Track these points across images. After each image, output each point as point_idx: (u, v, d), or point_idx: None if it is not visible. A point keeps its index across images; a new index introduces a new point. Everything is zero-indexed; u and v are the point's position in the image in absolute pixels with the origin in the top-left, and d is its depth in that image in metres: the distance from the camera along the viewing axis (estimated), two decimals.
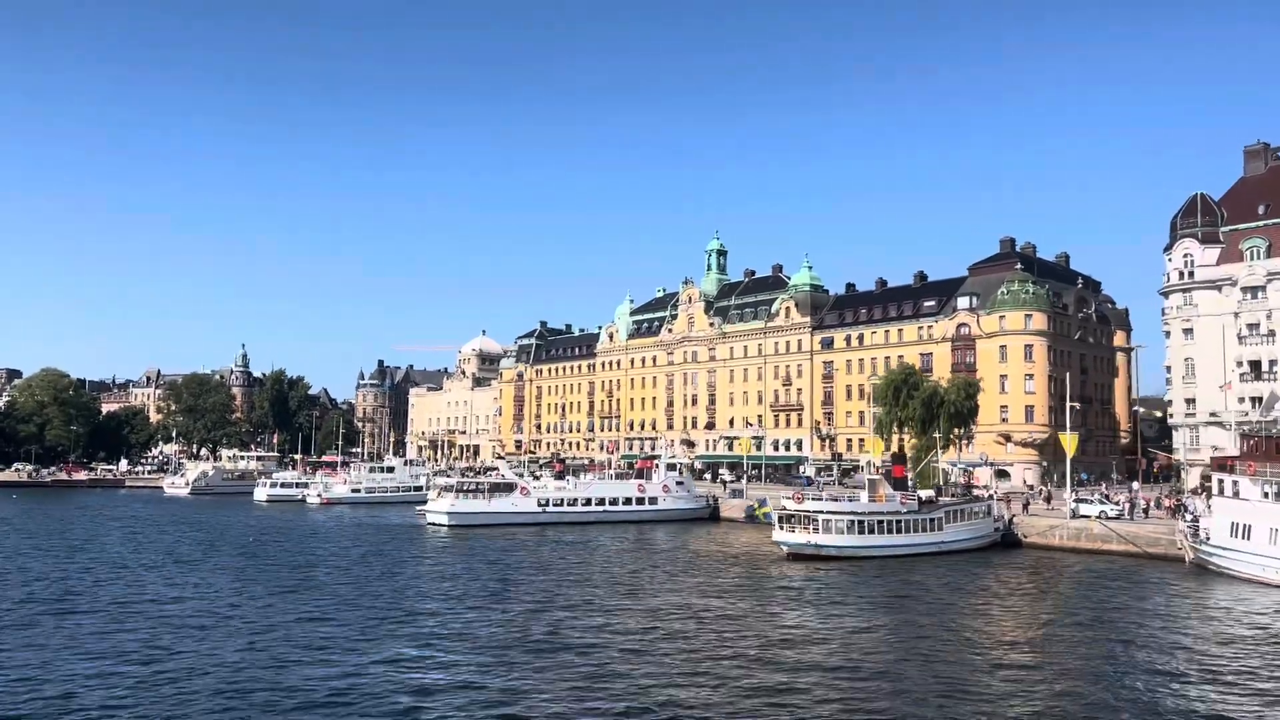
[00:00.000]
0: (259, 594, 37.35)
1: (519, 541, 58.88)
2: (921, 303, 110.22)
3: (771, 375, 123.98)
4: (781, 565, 46.98)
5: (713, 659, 26.71)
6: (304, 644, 28.15)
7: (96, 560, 47.73)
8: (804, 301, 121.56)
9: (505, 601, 35.93)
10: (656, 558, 50.14)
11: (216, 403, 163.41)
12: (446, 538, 61.58)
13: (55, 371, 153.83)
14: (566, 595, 37.43)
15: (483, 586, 39.48)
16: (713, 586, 40.39)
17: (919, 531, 50.00)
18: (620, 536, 62.92)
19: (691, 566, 46.44)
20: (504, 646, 28.10)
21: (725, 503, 76.49)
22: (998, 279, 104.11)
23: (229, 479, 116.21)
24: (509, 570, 44.81)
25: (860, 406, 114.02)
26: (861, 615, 34.08)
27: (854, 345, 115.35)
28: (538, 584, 40.36)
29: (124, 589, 38.29)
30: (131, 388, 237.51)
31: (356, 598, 36.37)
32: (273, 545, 55.78)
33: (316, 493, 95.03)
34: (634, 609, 34.60)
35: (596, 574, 43.86)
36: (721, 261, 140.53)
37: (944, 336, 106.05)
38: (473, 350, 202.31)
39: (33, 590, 37.80)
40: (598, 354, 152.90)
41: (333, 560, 48.60)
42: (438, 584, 40.46)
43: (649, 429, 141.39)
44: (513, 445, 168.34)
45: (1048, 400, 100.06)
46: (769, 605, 36.03)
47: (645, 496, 72.49)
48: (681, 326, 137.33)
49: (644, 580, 41.90)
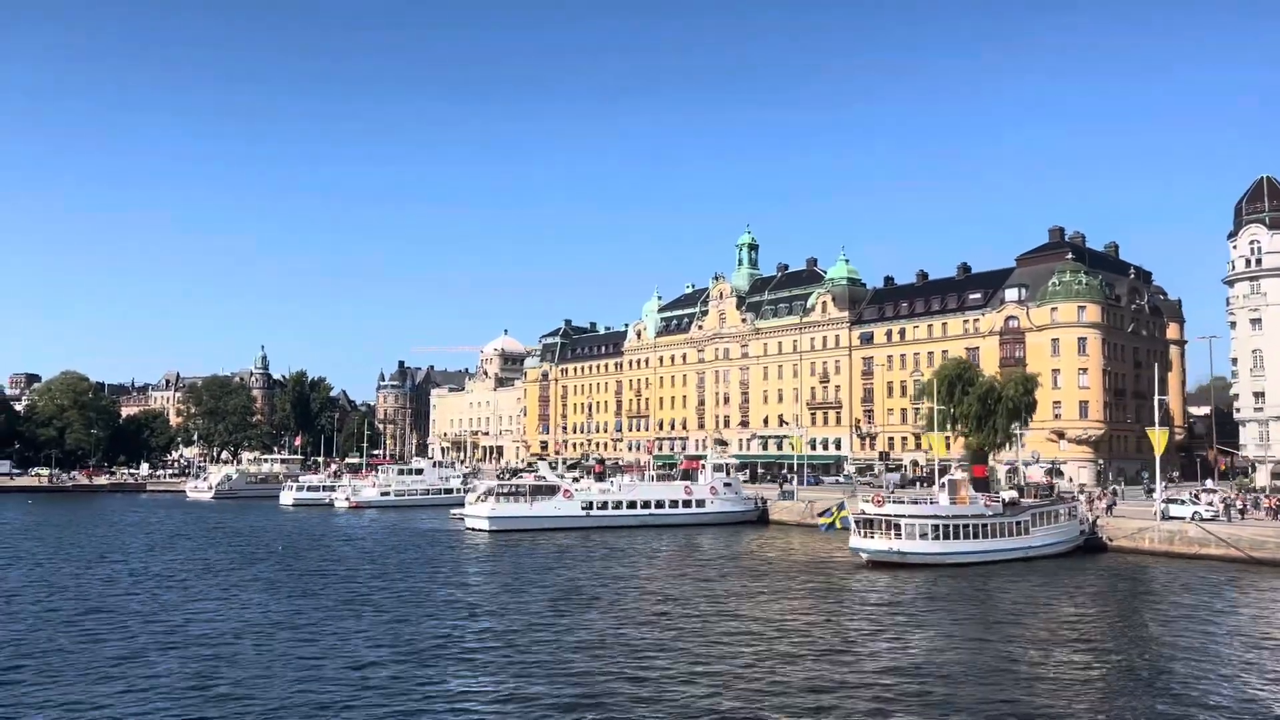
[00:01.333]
0: (304, 608, 34.05)
1: (566, 547, 55.50)
2: (966, 295, 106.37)
3: (808, 372, 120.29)
4: (861, 574, 43.36)
5: (834, 688, 23.22)
6: (353, 663, 24.84)
7: (125, 572, 44.60)
8: (841, 295, 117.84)
9: (576, 618, 32.50)
10: (721, 567, 46.59)
11: (237, 405, 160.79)
12: (488, 543, 58.26)
13: (75, 374, 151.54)
14: (642, 611, 33.95)
15: (549, 602, 36.04)
16: (798, 600, 36.88)
17: (1005, 536, 46.33)
18: (671, 542, 59.42)
19: (763, 576, 42.88)
20: (590, 674, 24.66)
21: (775, 505, 72.86)
22: (1047, 269, 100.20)
23: (253, 482, 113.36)
24: (568, 581, 41.39)
25: (902, 404, 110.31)
26: (986, 638, 30.47)
27: (895, 340, 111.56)
28: (607, 598, 36.91)
29: (157, 604, 35.07)
30: (151, 391, 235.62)
31: (414, 617, 32.96)
32: (308, 553, 52.56)
33: (345, 496, 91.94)
34: (724, 629, 31.18)
35: (665, 586, 40.38)
36: (753, 256, 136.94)
37: (991, 330, 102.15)
38: (495, 350, 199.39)
39: (57, 606, 34.60)
40: (625, 352, 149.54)
41: (374, 570, 45.30)
42: (498, 598, 37.05)
43: (679, 428, 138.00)
44: (538, 446, 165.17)
45: (1102, 395, 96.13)
46: (875, 624, 32.49)
47: (692, 499, 68.98)
48: (712, 323, 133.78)
49: (719, 593, 38.40)
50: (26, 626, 30.75)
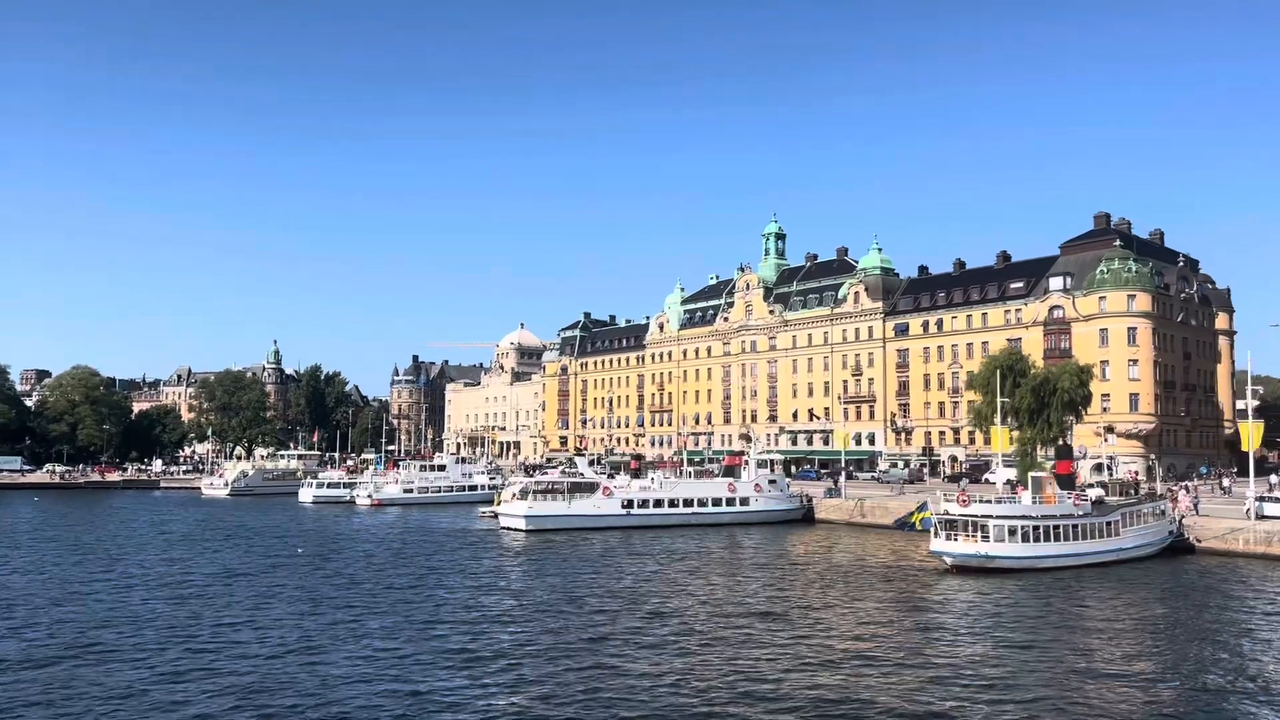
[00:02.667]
0: (346, 621, 30.64)
1: (610, 549, 52.05)
2: (1007, 284, 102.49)
3: (839, 364, 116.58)
4: (945, 581, 39.73)
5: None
6: (412, 688, 21.44)
7: (141, 577, 41.26)
8: (874, 285, 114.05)
9: (657, 635, 29.02)
10: (786, 573, 43.03)
11: (251, 400, 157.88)
12: (526, 544, 54.81)
13: (86, 369, 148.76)
14: (725, 626, 30.44)
15: (608, 614, 32.59)
16: (886, 611, 33.42)
17: (1096, 537, 42.70)
18: (719, 543, 55.99)
19: (836, 584, 39.32)
20: (698, 705, 21.20)
21: (821, 503, 69.31)
22: (1094, 257, 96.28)
23: (269, 479, 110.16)
24: (629, 590, 37.91)
25: (940, 397, 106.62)
26: (1112, 657, 26.99)
27: (931, 331, 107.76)
28: (678, 610, 33.43)
29: (183, 616, 31.70)
30: (162, 386, 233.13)
31: (473, 633, 29.51)
32: (337, 556, 49.15)
33: (366, 493, 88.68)
34: (818, 647, 27.76)
35: (739, 596, 36.88)
36: (780, 246, 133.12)
37: (1035, 320, 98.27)
38: (511, 344, 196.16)
39: (64, 618, 31.24)
40: (647, 345, 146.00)
41: (410, 574, 41.90)
42: (559, 610, 33.57)
43: (704, 423, 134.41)
44: (557, 441, 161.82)
45: (1153, 388, 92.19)
46: (981, 639, 29.00)
47: (736, 497, 65.46)
48: (739, 314, 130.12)
49: (795, 602, 34.92)
50: (27, 644, 27.37)
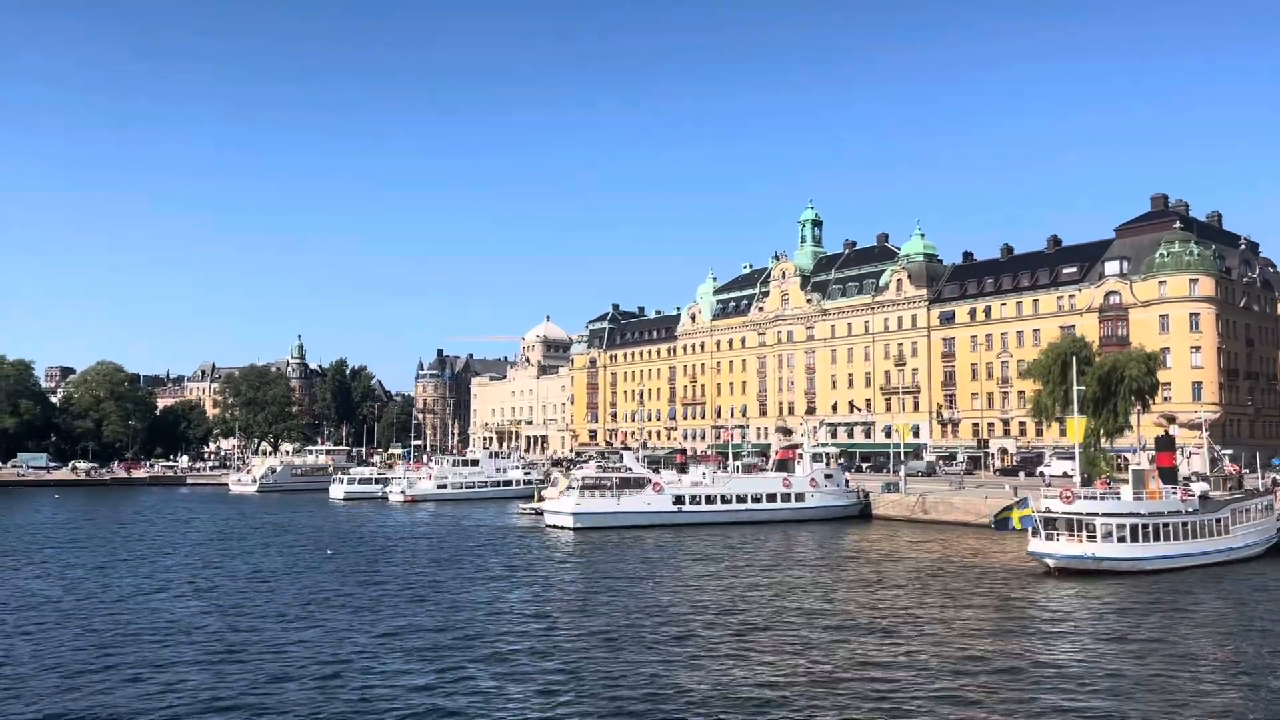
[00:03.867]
0: (405, 636, 27.72)
1: (665, 548, 49.02)
2: (1059, 269, 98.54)
3: (881, 354, 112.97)
4: (1046, 584, 36.39)
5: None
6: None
7: (182, 583, 38.54)
8: (918, 272, 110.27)
9: (757, 647, 25.94)
10: (862, 574, 39.83)
11: (276, 395, 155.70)
12: (576, 543, 51.84)
13: (111, 364, 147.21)
14: (820, 637, 27.31)
15: (690, 626, 29.52)
16: (990, 619, 30.23)
17: (1205, 536, 39.27)
18: (780, 541, 52.93)
19: (925, 588, 36.09)
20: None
21: (880, 498, 65.98)
22: (1152, 240, 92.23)
23: (298, 475, 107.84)
24: (698, 595, 34.90)
25: (989, 387, 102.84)
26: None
27: (979, 319, 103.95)
28: (761, 618, 30.34)
29: (223, 627, 28.88)
30: (186, 382, 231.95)
31: (537, 651, 26.48)
32: (381, 559, 46.30)
33: (400, 489, 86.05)
34: (930, 660, 24.69)
35: (819, 600, 33.78)
36: (816, 233, 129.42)
37: (1090, 307, 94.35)
38: (537, 337, 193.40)
39: (97, 628, 28.46)
40: (679, 336, 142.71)
41: (459, 577, 39.02)
42: (629, 620, 30.52)
43: (738, 416, 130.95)
44: (586, 435, 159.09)
45: (1217, 376, 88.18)
46: (1108, 652, 25.78)
47: (791, 492, 62.22)
48: (774, 304, 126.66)
49: (892, 610, 31.73)
50: (40, 655, 24.54)
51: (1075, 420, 54.95)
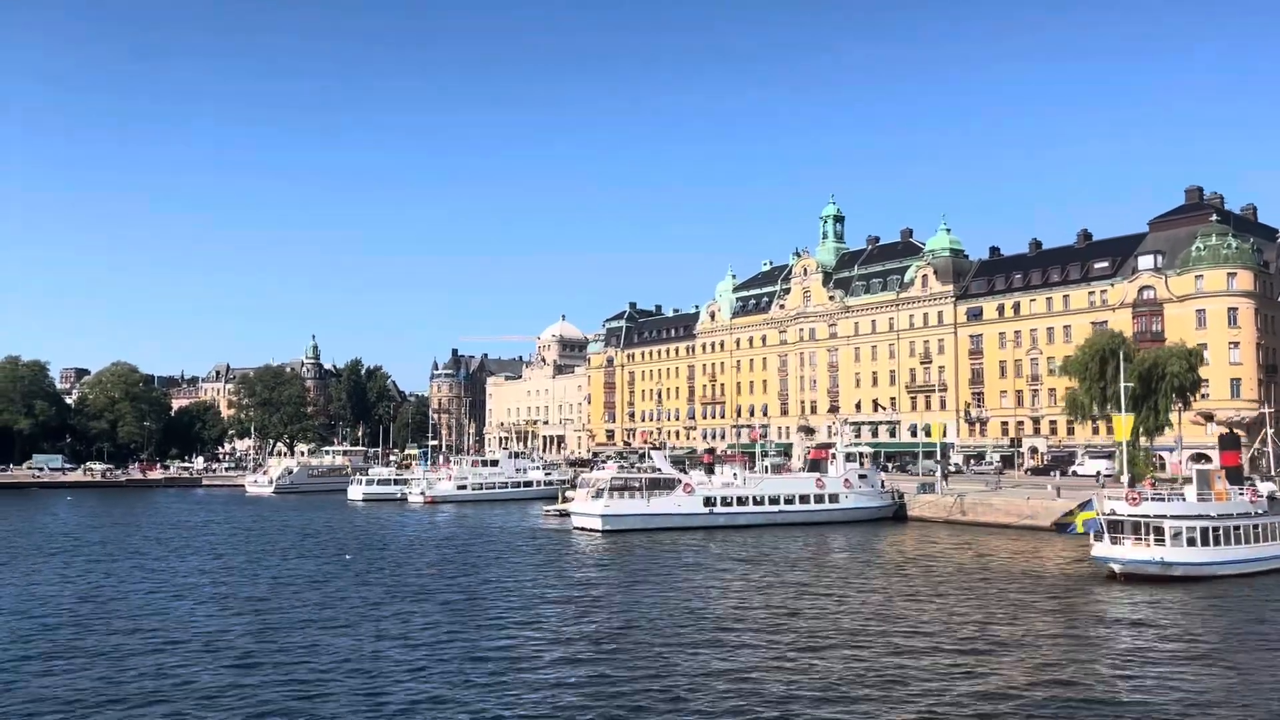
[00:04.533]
0: (435, 642, 26.08)
1: (700, 551, 47.34)
2: (1091, 264, 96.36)
3: (906, 352, 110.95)
4: (1112, 591, 34.48)
5: None
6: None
7: (205, 590, 37.01)
8: (944, 268, 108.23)
9: (809, 666, 24.24)
10: (916, 581, 37.97)
11: (292, 395, 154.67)
12: (605, 546, 50.14)
13: (126, 365, 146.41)
14: (904, 662, 25.44)
15: (746, 638, 27.80)
16: (1058, 630, 28.42)
17: (1275, 539, 37.20)
18: (818, 544, 51.18)
19: (984, 595, 34.26)
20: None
21: (916, 499, 64.07)
22: (1187, 234, 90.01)
23: (315, 476, 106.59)
24: (746, 604, 33.24)
25: (1018, 385, 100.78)
26: None
27: (1007, 315, 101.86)
28: (820, 630, 28.60)
29: (251, 641, 27.28)
30: (200, 383, 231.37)
31: (584, 667, 24.78)
32: (407, 565, 44.72)
33: (420, 490, 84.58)
34: (1007, 677, 22.86)
35: (877, 610, 31.99)
36: (838, 229, 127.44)
37: (1122, 302, 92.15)
38: (553, 336, 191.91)
39: (120, 644, 26.86)
40: (697, 335, 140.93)
41: (499, 589, 37.33)
42: (681, 635, 28.81)
43: (759, 415, 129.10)
44: (603, 435, 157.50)
45: (1255, 372, 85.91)
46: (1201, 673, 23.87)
47: (825, 493, 60.38)
48: (796, 301, 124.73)
49: (952, 619, 29.93)
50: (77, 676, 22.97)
51: (1123, 418, 52.83)
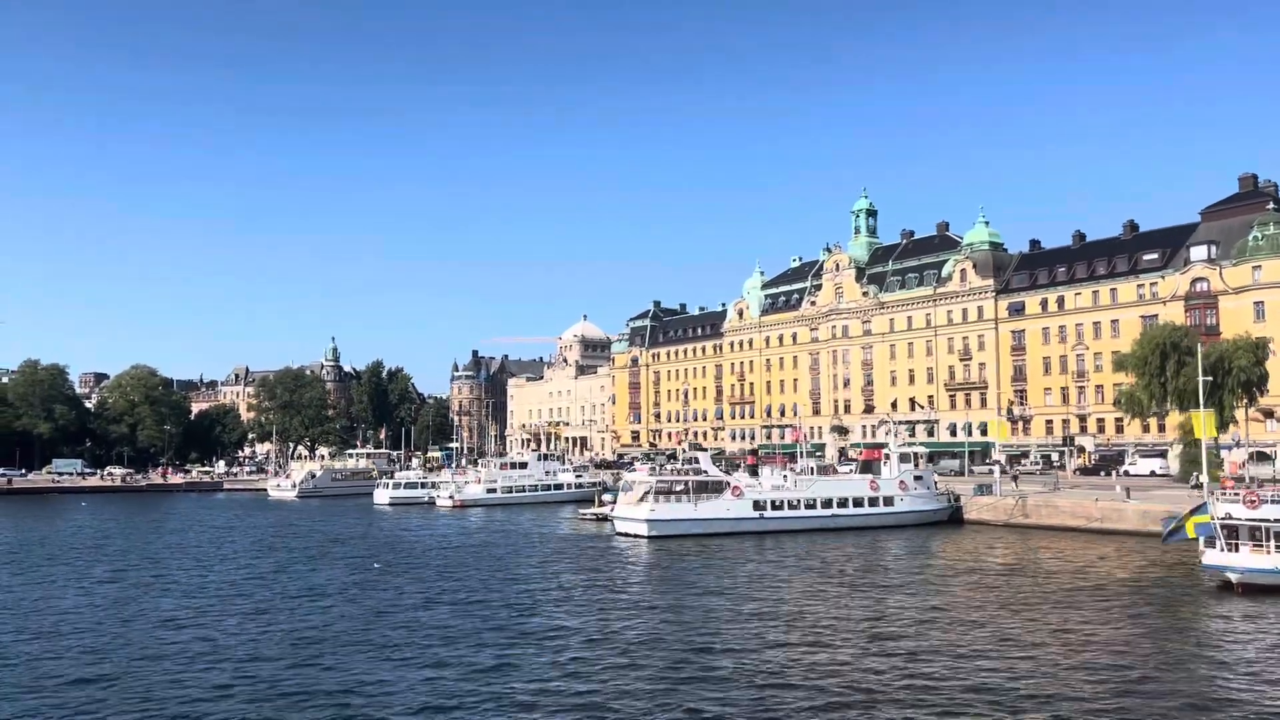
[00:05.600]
0: (493, 665, 23.29)
1: (755, 559, 44.54)
2: (1139, 256, 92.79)
3: (944, 349, 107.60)
4: (1231, 602, 31.34)
5: None
6: None
7: (239, 602, 34.40)
8: (983, 262, 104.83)
9: (924, 689, 21.27)
10: (1005, 592, 34.91)
11: (313, 398, 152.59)
12: (652, 553, 47.30)
13: (145, 368, 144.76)
14: (1025, 690, 22.49)
15: (848, 659, 24.86)
16: (1207, 660, 25.31)
17: None
18: (874, 549, 48.27)
19: (1081, 606, 31.25)
20: None
21: (973, 501, 60.89)
22: (1242, 223, 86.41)
23: (339, 479, 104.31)
24: (827, 618, 30.34)
25: (1062, 381, 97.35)
26: None
27: (1051, 310, 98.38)
28: (944, 664, 25.61)
29: (291, 659, 24.57)
30: (220, 386, 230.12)
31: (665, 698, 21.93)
32: (448, 574, 42.02)
33: (448, 494, 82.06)
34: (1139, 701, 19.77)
35: (972, 625, 29.10)
36: (871, 223, 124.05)
37: (1174, 294, 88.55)
38: (574, 336, 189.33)
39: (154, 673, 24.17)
40: (725, 333, 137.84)
41: (547, 598, 34.63)
42: (761, 657, 25.94)
43: (789, 414, 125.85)
44: (628, 436, 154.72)
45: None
46: None
47: (879, 496, 57.35)
48: (828, 298, 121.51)
49: (1069, 636, 26.97)
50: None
51: (1201, 414, 49.56)
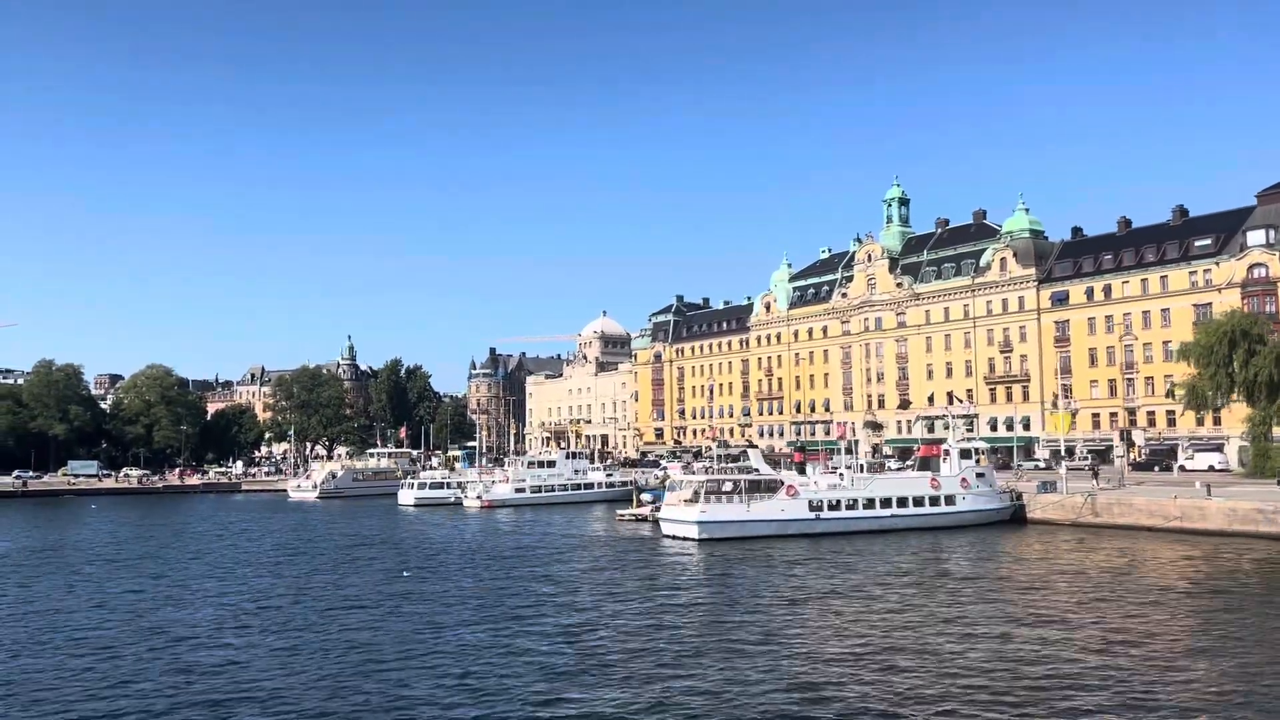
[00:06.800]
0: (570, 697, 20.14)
1: (823, 564, 41.24)
2: (1190, 242, 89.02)
3: (983, 341, 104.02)
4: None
5: None
6: None
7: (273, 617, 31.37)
8: (1024, 250, 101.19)
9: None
10: (1130, 603, 31.52)
11: (331, 397, 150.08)
12: (705, 558, 44.05)
13: (161, 368, 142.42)
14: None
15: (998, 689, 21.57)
16: None
17: None
18: (939, 551, 45.02)
19: (1211, 618, 27.90)
20: None
21: (1037, 499, 57.43)
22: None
23: (361, 480, 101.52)
24: (944, 638, 26.94)
25: (1110, 373, 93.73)
26: None
27: (1097, 299, 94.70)
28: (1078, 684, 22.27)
29: (328, 690, 21.46)
30: (235, 386, 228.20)
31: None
32: (494, 584, 38.94)
33: (476, 494, 79.12)
34: None
35: (1099, 638, 25.73)
36: (904, 212, 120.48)
37: (1229, 281, 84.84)
38: (594, 333, 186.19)
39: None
40: (751, 327, 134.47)
41: (605, 611, 31.50)
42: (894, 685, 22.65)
43: (820, 410, 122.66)
44: (652, 434, 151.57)
45: None
46: None
47: (940, 495, 53.97)
48: (859, 289, 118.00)
49: (1205, 653, 23.57)
50: None
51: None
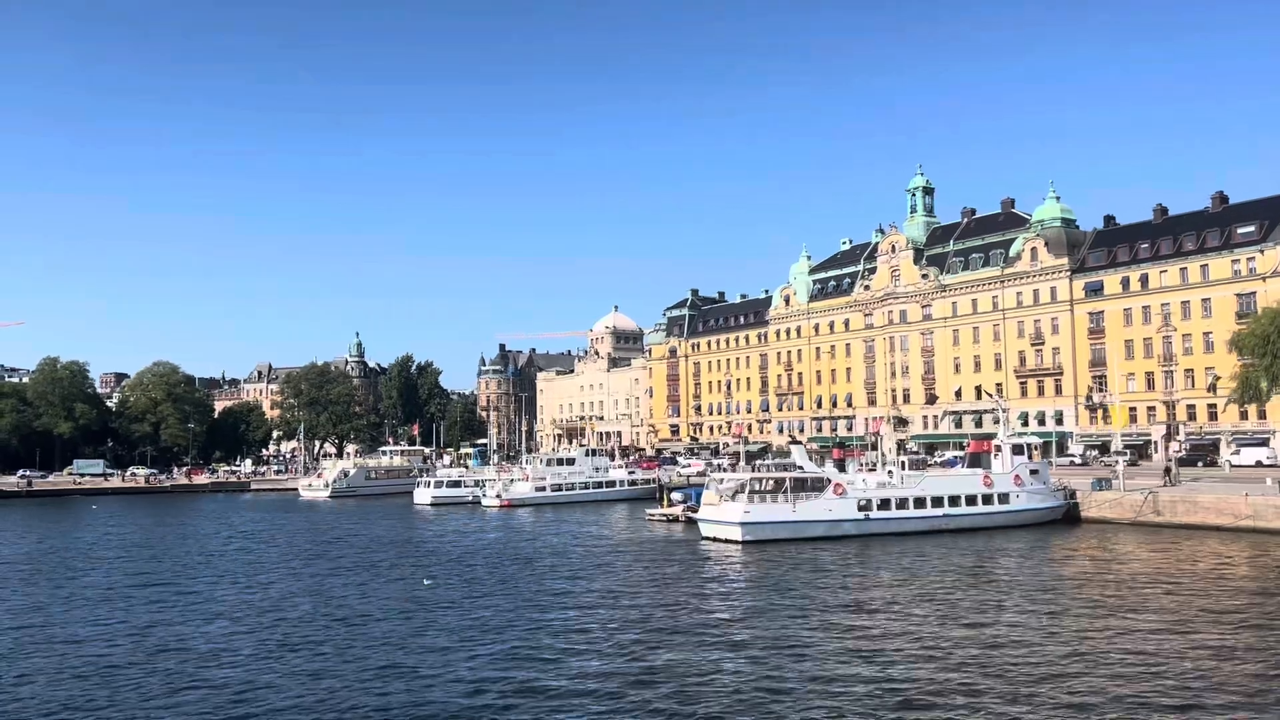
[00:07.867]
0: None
1: (881, 567, 38.46)
2: (1233, 229, 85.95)
3: (1013, 333, 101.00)
4: None
5: None
6: None
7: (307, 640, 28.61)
8: (1056, 239, 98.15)
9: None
10: (1240, 621, 28.58)
11: (340, 394, 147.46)
12: (750, 561, 41.21)
13: (167, 364, 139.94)
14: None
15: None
16: None
17: None
18: (1001, 553, 42.29)
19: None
20: None
21: (1090, 497, 54.48)
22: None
23: (374, 478, 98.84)
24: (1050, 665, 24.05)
25: (1148, 366, 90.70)
26: None
27: (1133, 289, 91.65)
28: None
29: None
30: (243, 384, 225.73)
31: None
32: (532, 597, 36.14)
33: (495, 493, 76.42)
34: None
35: (1207, 655, 22.85)
36: (928, 201, 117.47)
37: (1274, 270, 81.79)
38: (606, 328, 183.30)
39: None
40: (770, 321, 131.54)
41: (656, 625, 28.72)
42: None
43: (843, 406, 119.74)
44: (667, 430, 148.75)
45: None
46: None
47: (993, 493, 51.07)
48: (883, 281, 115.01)
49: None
50: None
51: None
